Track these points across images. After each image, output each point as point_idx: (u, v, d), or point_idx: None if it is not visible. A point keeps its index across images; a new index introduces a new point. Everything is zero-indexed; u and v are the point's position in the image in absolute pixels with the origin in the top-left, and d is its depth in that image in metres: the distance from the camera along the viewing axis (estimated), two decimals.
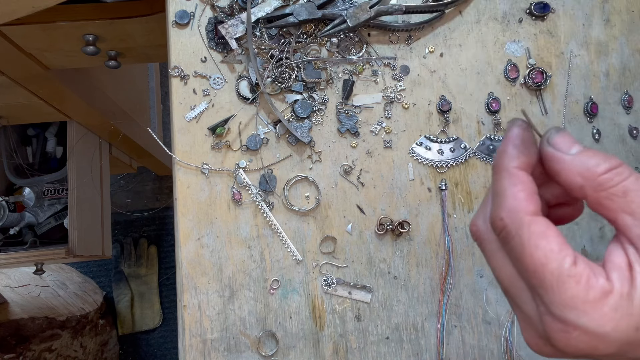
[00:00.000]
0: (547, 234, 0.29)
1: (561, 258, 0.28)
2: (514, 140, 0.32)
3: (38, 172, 1.31)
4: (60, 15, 0.78)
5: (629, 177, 0.29)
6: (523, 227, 0.30)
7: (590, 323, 0.28)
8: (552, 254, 0.29)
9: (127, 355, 1.72)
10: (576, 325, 0.28)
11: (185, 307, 0.53)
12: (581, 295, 0.28)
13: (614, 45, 0.59)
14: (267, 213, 0.54)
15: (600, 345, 0.28)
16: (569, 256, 0.29)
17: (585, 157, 0.30)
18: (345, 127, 0.55)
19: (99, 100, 1.14)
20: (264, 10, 0.55)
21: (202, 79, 0.55)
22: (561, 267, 0.28)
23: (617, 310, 0.28)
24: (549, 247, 0.29)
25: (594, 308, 0.28)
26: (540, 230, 0.29)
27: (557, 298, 0.28)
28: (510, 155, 0.32)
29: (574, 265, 0.28)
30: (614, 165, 0.29)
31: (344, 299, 0.53)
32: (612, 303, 0.28)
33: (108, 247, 1.32)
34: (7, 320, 1.24)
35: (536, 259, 0.29)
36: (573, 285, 0.28)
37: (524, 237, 0.29)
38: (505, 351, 0.53)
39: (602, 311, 0.28)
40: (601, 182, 0.29)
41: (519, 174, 0.31)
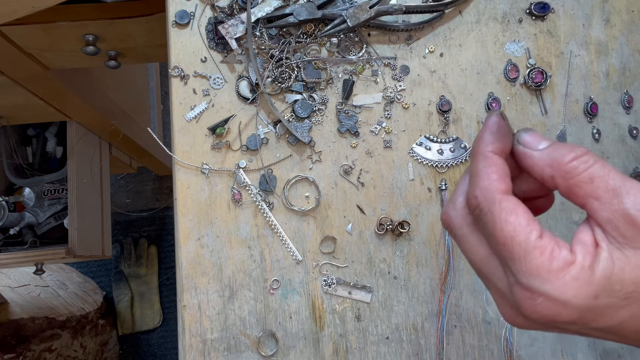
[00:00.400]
0: (516, 211, 0.32)
1: (528, 231, 0.31)
2: (491, 127, 0.35)
3: (38, 172, 1.31)
4: (60, 15, 0.78)
5: (594, 165, 0.32)
6: (495, 204, 0.32)
7: (552, 290, 0.30)
8: (520, 227, 0.31)
9: (127, 355, 1.72)
10: (540, 292, 0.31)
11: (185, 307, 0.53)
12: (545, 264, 0.31)
13: (614, 45, 0.59)
14: (267, 213, 0.54)
15: (562, 312, 0.31)
16: (535, 230, 0.31)
17: (551, 150, 0.33)
18: (345, 127, 0.55)
19: (99, 100, 1.14)
20: (264, 10, 0.55)
21: (202, 79, 0.55)
22: (528, 240, 0.31)
23: (577, 279, 0.30)
24: (518, 221, 0.32)
25: (557, 276, 0.30)
26: (510, 206, 0.32)
27: (523, 267, 0.31)
28: (486, 140, 0.35)
29: (539, 238, 0.31)
30: (579, 154, 0.32)
31: (344, 299, 0.53)
32: (574, 273, 0.30)
33: (108, 247, 1.32)
34: (7, 320, 1.24)
35: (506, 232, 0.32)
36: (538, 256, 0.31)
37: (495, 212, 0.32)
38: (505, 351, 0.53)
39: (564, 280, 0.30)
40: (568, 170, 0.32)
41: (493, 157, 0.34)
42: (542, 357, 0.54)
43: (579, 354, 0.54)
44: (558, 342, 0.54)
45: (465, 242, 0.36)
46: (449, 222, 0.37)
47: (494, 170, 0.34)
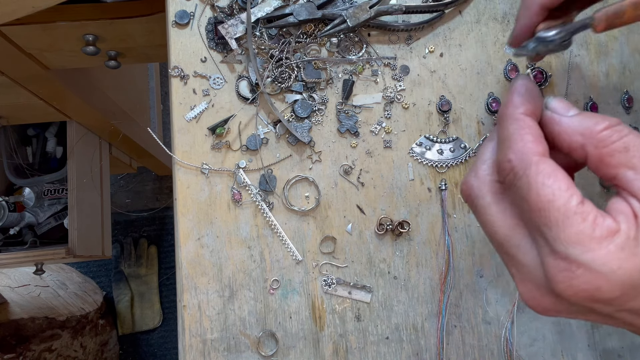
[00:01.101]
0: (556, 174, 0.29)
1: (568, 196, 0.29)
2: (519, 89, 0.33)
3: (38, 172, 1.31)
4: (60, 15, 0.78)
5: (629, 134, 0.30)
6: (531, 167, 0.30)
7: (595, 260, 0.27)
8: (560, 191, 0.29)
9: (127, 355, 1.72)
10: (580, 262, 0.28)
11: (185, 307, 0.53)
12: (587, 231, 0.28)
13: (614, 45, 0.59)
14: (267, 213, 0.54)
15: (604, 286, 0.27)
16: (576, 195, 0.29)
17: (582, 118, 0.31)
18: (345, 127, 0.55)
19: (99, 100, 1.14)
20: (264, 10, 0.55)
21: (202, 79, 0.55)
22: (568, 204, 0.28)
23: (623, 249, 0.27)
24: (557, 185, 0.29)
25: (600, 245, 0.27)
26: (548, 169, 0.30)
27: (562, 234, 0.28)
28: (516, 102, 0.32)
29: (581, 204, 0.28)
30: (613, 123, 0.30)
31: (344, 299, 0.53)
32: (619, 242, 0.27)
33: (108, 247, 1.32)
34: (7, 320, 1.24)
35: (543, 197, 0.29)
36: (579, 222, 0.28)
37: (532, 175, 0.30)
38: (505, 351, 0.53)
39: (608, 249, 0.27)
40: (602, 139, 0.30)
41: (525, 119, 0.32)
42: (542, 357, 0.54)
43: (579, 354, 0.54)
44: (558, 342, 0.54)
45: (487, 213, 0.33)
46: (469, 192, 0.34)
47: (527, 132, 0.31)
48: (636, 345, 0.54)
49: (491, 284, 0.54)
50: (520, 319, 0.54)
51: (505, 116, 0.33)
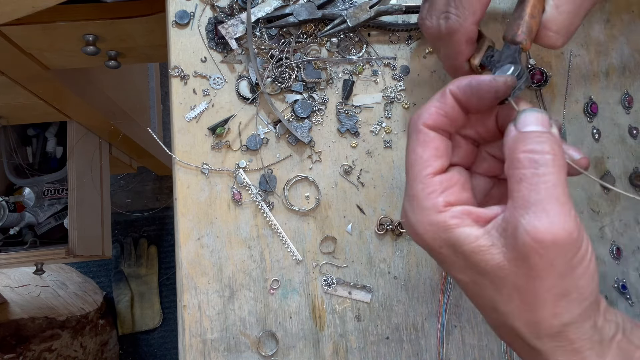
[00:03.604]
0: (426, 144, 0.36)
1: (424, 166, 0.36)
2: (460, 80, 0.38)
3: (38, 172, 1.31)
4: (60, 15, 0.78)
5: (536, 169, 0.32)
6: (414, 133, 0.37)
7: (411, 218, 0.36)
8: (420, 160, 0.36)
9: (127, 355, 1.72)
10: (406, 215, 0.36)
11: (185, 307, 0.53)
12: (419, 198, 0.35)
13: (614, 45, 0.59)
14: (267, 213, 0.54)
15: (414, 237, 0.36)
16: (431, 168, 0.36)
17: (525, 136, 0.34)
18: (345, 127, 0.55)
19: (99, 100, 1.14)
20: (264, 10, 0.55)
21: (202, 79, 0.55)
22: (420, 172, 0.36)
23: (432, 225, 0.35)
24: (421, 154, 0.36)
25: (421, 213, 0.35)
26: (422, 138, 0.36)
27: (408, 192, 0.37)
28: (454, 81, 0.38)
29: (430, 175, 0.36)
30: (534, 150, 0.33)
31: (344, 299, 0.53)
32: (432, 219, 0.35)
33: (108, 247, 1.32)
34: (7, 320, 1.24)
35: (410, 159, 0.37)
36: (419, 189, 0.36)
37: (412, 140, 0.37)
38: (505, 351, 0.53)
39: (424, 219, 0.35)
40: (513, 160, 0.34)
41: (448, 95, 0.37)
42: None
43: None
44: None
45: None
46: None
47: (436, 105, 0.37)
48: None
49: None
50: None
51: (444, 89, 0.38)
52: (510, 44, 0.40)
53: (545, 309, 0.32)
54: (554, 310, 0.32)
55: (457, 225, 0.34)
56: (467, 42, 0.42)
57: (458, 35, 0.41)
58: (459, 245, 0.34)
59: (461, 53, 0.42)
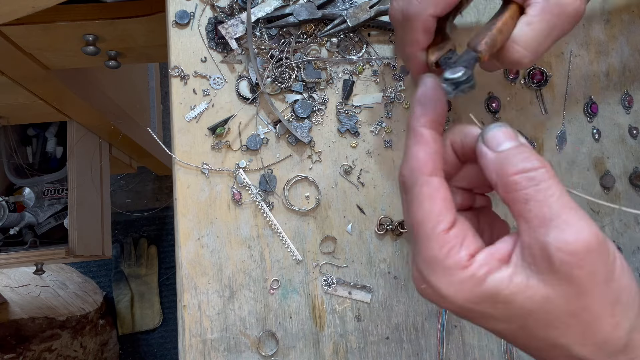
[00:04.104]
0: (434, 197, 0.33)
1: (437, 221, 0.32)
2: (419, 98, 0.35)
3: (38, 172, 1.31)
4: (60, 15, 0.78)
5: (537, 185, 0.31)
6: (416, 186, 0.33)
7: (436, 282, 0.32)
8: (431, 215, 0.32)
9: (127, 355, 1.72)
10: (427, 279, 0.32)
11: (185, 307, 0.53)
12: (439, 258, 0.32)
13: (614, 45, 0.59)
14: (267, 213, 0.54)
15: (441, 302, 0.33)
16: (445, 222, 0.32)
17: (505, 156, 0.32)
18: (345, 127, 0.55)
19: (99, 100, 1.14)
20: (264, 10, 0.55)
21: (202, 79, 0.55)
22: (434, 229, 0.32)
23: (462, 283, 0.31)
24: (430, 208, 0.33)
25: (444, 273, 0.32)
26: (428, 192, 0.33)
27: (422, 252, 0.33)
28: (416, 114, 0.34)
29: (446, 231, 0.32)
30: (526, 168, 0.31)
31: (344, 299, 0.53)
32: (462, 277, 0.31)
33: (108, 247, 1.32)
34: (7, 320, 1.24)
35: (417, 216, 0.33)
36: (436, 248, 0.32)
37: (415, 194, 0.33)
38: (505, 351, 0.53)
39: (450, 279, 0.32)
40: (508, 184, 0.32)
41: (423, 132, 0.34)
42: None
43: None
44: None
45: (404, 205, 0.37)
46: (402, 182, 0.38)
47: (421, 149, 0.34)
48: None
49: None
50: None
51: (408, 127, 0.35)
52: (470, 50, 0.40)
53: (605, 323, 0.30)
54: (612, 320, 0.30)
55: (488, 274, 0.31)
56: (424, 31, 0.41)
57: (416, 22, 0.40)
58: (496, 295, 0.31)
59: (417, 41, 0.42)
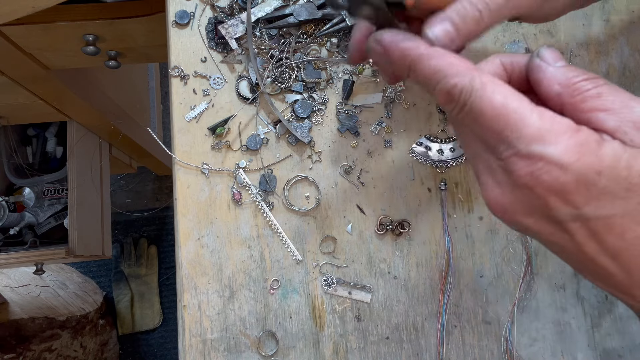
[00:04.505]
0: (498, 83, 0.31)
1: (519, 97, 0.30)
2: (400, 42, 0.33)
3: (38, 172, 1.31)
4: (60, 15, 0.78)
5: (603, 85, 0.31)
6: (474, 80, 0.31)
7: (554, 151, 0.29)
8: (511, 94, 0.30)
9: (127, 355, 1.72)
10: (542, 155, 0.29)
11: (185, 307, 0.53)
12: (546, 126, 0.29)
13: (614, 45, 0.59)
14: (267, 213, 0.54)
15: (561, 176, 0.29)
16: (525, 99, 0.30)
17: (566, 69, 0.32)
18: (345, 127, 0.55)
19: (99, 100, 1.14)
20: (264, 11, 0.55)
21: (202, 79, 0.55)
22: (522, 105, 0.30)
23: (582, 145, 0.29)
24: (505, 90, 0.30)
25: (559, 138, 0.29)
26: (490, 78, 0.31)
27: (524, 133, 0.29)
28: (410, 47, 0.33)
29: (532, 102, 0.30)
30: (591, 76, 0.31)
31: (344, 299, 0.53)
32: (580, 138, 0.29)
33: (108, 247, 1.32)
34: (7, 320, 1.24)
35: (497, 102, 0.30)
36: (537, 119, 0.29)
37: (478, 88, 0.30)
38: (505, 351, 0.53)
39: (567, 142, 0.29)
40: (577, 88, 0.31)
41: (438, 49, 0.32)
42: (542, 357, 0.54)
43: (579, 354, 0.54)
44: (558, 342, 0.54)
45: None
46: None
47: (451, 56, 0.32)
48: (636, 345, 0.54)
49: (491, 284, 0.54)
50: (520, 319, 0.54)
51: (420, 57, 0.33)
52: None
53: None
54: None
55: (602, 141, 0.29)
56: None
57: None
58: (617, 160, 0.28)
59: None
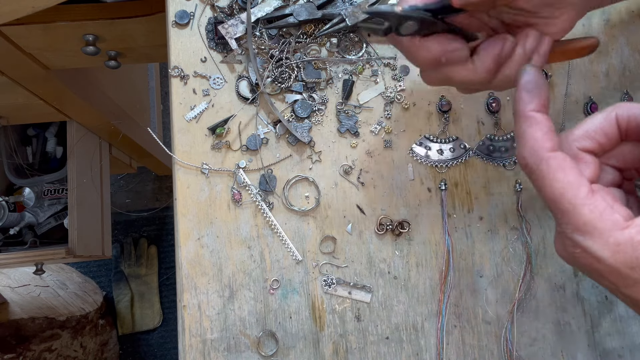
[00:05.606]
0: (564, 167, 0.33)
1: (576, 188, 0.32)
2: (525, 86, 0.36)
3: (38, 172, 1.31)
4: (60, 15, 0.78)
5: None
6: (542, 163, 0.34)
7: (592, 246, 0.32)
8: (569, 184, 0.33)
9: (127, 355, 1.72)
10: (581, 245, 0.32)
11: (185, 307, 0.53)
12: (593, 222, 0.32)
13: (614, 45, 0.59)
14: (267, 213, 0.54)
15: (595, 265, 0.32)
16: (584, 186, 0.33)
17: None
18: (345, 127, 0.55)
19: (99, 100, 1.14)
20: (263, 11, 0.55)
21: (202, 79, 0.55)
22: (577, 196, 0.32)
23: (620, 244, 0.31)
24: (566, 179, 0.33)
25: (600, 236, 0.32)
26: (557, 164, 0.33)
27: (572, 222, 0.32)
28: (525, 100, 0.35)
29: (589, 194, 0.32)
30: None
31: (344, 299, 0.53)
32: (619, 238, 0.31)
33: (108, 247, 1.32)
34: (7, 320, 1.24)
35: (555, 190, 0.33)
36: (587, 213, 0.32)
37: (544, 171, 0.33)
38: (505, 351, 0.53)
39: (606, 240, 0.31)
40: None
41: (535, 115, 0.35)
42: (542, 357, 0.54)
43: (579, 354, 0.54)
44: (558, 342, 0.54)
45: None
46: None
47: (537, 129, 0.34)
48: (636, 345, 0.54)
49: (491, 284, 0.54)
50: (520, 319, 0.54)
51: (517, 114, 0.36)
52: None
53: None
54: None
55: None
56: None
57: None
58: None
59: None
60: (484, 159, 0.56)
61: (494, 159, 0.55)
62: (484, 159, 0.56)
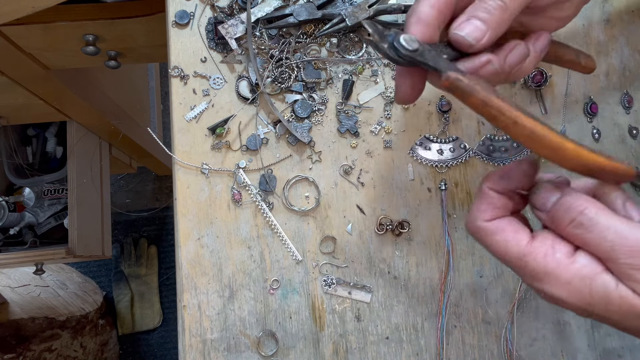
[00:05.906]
0: (499, 229, 0.35)
1: (516, 242, 0.34)
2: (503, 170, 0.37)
3: (38, 172, 1.31)
4: (60, 15, 0.78)
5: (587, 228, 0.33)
6: (479, 232, 0.36)
7: (549, 289, 0.33)
8: (508, 242, 0.35)
9: (127, 355, 1.72)
10: (541, 290, 0.34)
11: (185, 307, 0.53)
12: (539, 268, 0.33)
13: (614, 45, 0.59)
14: (267, 213, 0.54)
15: (562, 304, 0.34)
16: (524, 238, 0.35)
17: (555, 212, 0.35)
18: (345, 127, 0.55)
19: (99, 100, 1.14)
20: (263, 11, 0.55)
21: (202, 79, 0.55)
22: (519, 250, 0.34)
23: (570, 283, 0.33)
24: (503, 238, 0.35)
25: (549, 278, 0.33)
26: (491, 228, 0.36)
27: (526, 272, 0.34)
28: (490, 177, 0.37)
29: (529, 243, 0.34)
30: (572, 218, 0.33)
31: (344, 299, 0.53)
32: (567, 276, 0.33)
33: (108, 247, 1.32)
34: (7, 320, 1.24)
35: (500, 251, 0.35)
36: (531, 261, 0.34)
37: (484, 239, 0.36)
38: (505, 351, 0.53)
39: (557, 281, 0.33)
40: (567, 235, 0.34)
41: (488, 192, 0.37)
42: (542, 357, 0.54)
43: (578, 354, 0.54)
44: (558, 342, 0.54)
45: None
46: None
47: (482, 202, 0.37)
48: (636, 345, 0.54)
49: (491, 284, 0.54)
50: (520, 319, 0.54)
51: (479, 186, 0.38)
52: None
53: None
54: None
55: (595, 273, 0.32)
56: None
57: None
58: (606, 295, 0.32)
59: None
60: (484, 159, 0.56)
61: (494, 159, 0.56)
62: (484, 159, 0.56)
